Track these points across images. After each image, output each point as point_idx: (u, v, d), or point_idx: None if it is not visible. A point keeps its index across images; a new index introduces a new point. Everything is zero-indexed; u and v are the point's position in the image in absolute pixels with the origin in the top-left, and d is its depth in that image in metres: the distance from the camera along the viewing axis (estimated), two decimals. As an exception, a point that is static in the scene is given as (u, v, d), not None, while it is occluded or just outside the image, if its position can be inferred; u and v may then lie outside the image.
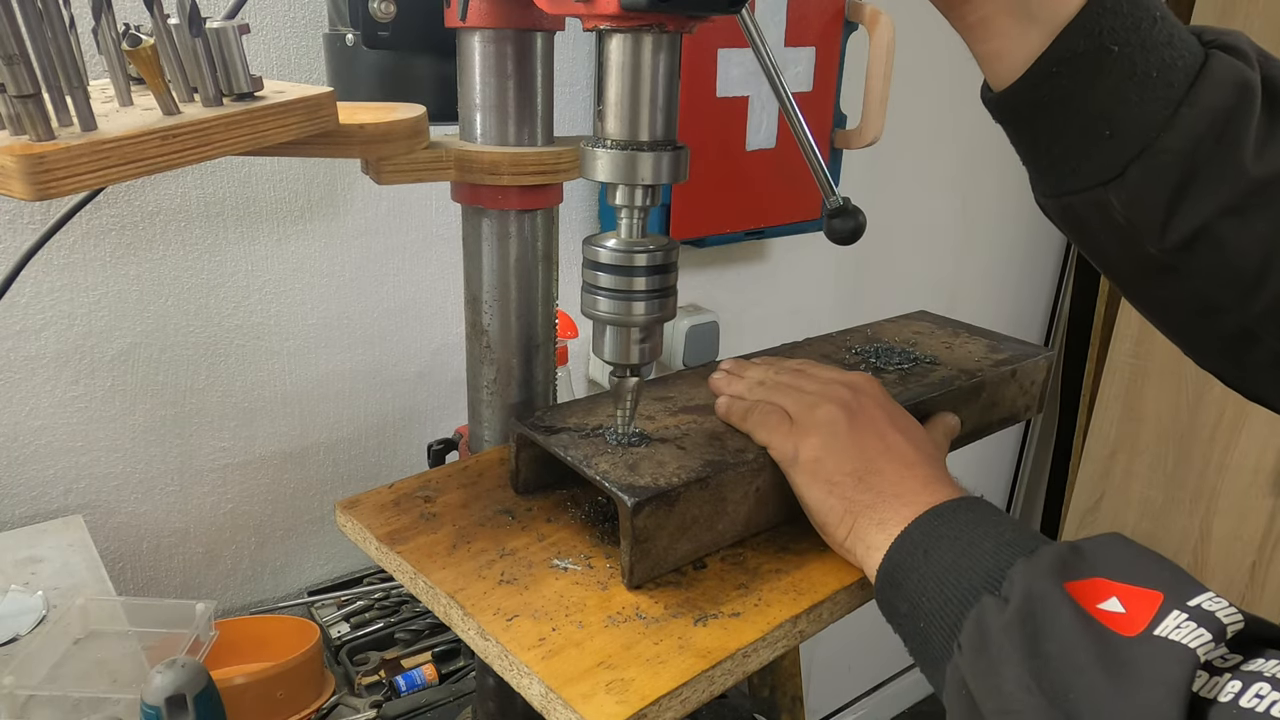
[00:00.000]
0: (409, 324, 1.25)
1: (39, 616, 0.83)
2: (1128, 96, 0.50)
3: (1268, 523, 1.92)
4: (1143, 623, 0.40)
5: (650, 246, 0.57)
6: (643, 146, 0.54)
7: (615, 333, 0.59)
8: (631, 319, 0.58)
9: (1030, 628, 0.43)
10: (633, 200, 0.56)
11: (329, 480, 1.24)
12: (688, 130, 1.34)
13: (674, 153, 0.55)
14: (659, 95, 0.54)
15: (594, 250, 0.57)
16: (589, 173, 0.56)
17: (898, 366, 0.79)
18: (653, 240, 0.58)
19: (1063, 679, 0.40)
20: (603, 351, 0.60)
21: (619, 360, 0.60)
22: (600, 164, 0.55)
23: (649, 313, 0.58)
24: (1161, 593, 0.41)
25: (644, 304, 0.58)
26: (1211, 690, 0.37)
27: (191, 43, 0.49)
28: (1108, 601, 0.42)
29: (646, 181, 0.55)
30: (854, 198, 0.69)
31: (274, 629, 1.03)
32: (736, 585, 0.59)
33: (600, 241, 0.57)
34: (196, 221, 1.05)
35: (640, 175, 0.55)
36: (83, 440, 1.05)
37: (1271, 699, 0.36)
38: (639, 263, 0.57)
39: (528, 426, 0.66)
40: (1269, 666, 0.37)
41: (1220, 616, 0.39)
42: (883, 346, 0.84)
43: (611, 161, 0.55)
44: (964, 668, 0.46)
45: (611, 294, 0.57)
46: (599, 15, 0.51)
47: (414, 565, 0.60)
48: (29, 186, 0.42)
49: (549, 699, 0.50)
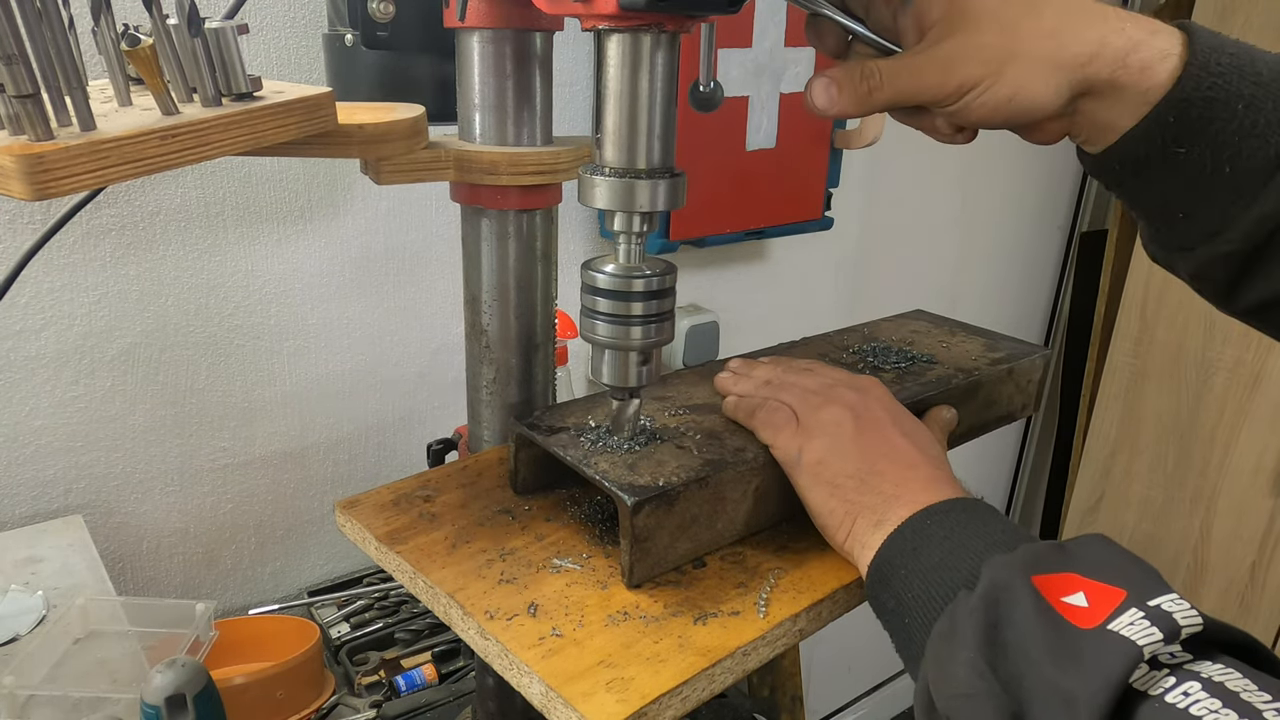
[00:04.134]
0: (409, 324, 1.25)
1: (39, 616, 0.83)
2: (1198, 187, 0.51)
3: (1268, 523, 1.92)
4: (1100, 617, 0.41)
5: (648, 272, 0.57)
6: (640, 175, 0.55)
7: (614, 356, 0.60)
8: (630, 343, 0.58)
9: (992, 616, 0.44)
10: (630, 227, 0.57)
11: (329, 480, 1.24)
12: (688, 130, 1.34)
13: (671, 180, 0.56)
14: (656, 123, 0.54)
15: (592, 275, 0.58)
16: (587, 200, 0.56)
17: (895, 365, 0.79)
18: (650, 265, 0.58)
19: (1017, 667, 0.41)
20: (601, 375, 0.61)
21: (618, 383, 0.61)
22: (599, 192, 0.56)
23: (647, 337, 0.58)
24: (1125, 590, 0.42)
25: (642, 328, 0.58)
26: (1147, 684, 0.38)
27: (190, 43, 0.49)
28: (1073, 596, 0.43)
29: (644, 209, 0.56)
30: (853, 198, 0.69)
31: (274, 629, 1.03)
32: (736, 584, 0.59)
33: (598, 266, 0.58)
34: (196, 221, 1.05)
35: (638, 203, 0.55)
36: (83, 440, 1.05)
37: (1196, 698, 0.37)
38: (637, 288, 0.57)
39: (527, 426, 0.66)
40: (1210, 669, 0.38)
41: (1177, 618, 0.39)
42: (880, 345, 0.84)
43: (610, 189, 0.55)
44: (928, 656, 0.47)
45: (610, 319, 0.58)
46: (597, 15, 0.51)
47: (413, 565, 0.60)
48: (28, 187, 0.42)
49: (549, 698, 0.50)
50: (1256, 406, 1.91)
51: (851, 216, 1.69)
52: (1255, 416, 1.91)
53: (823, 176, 1.52)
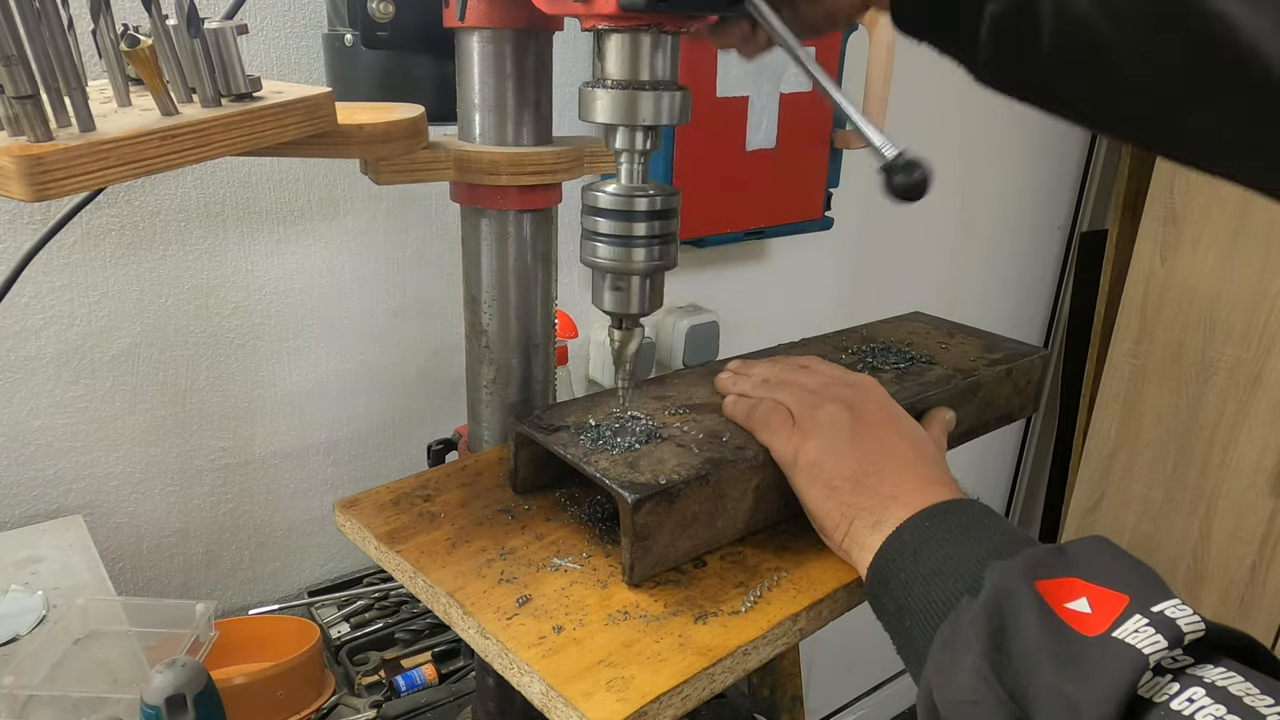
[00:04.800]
0: (409, 324, 1.25)
1: (39, 616, 0.83)
2: None
3: (1268, 523, 1.92)
4: (1105, 624, 0.41)
5: (651, 191, 0.56)
6: (644, 86, 0.53)
7: (616, 281, 0.58)
8: (632, 265, 0.56)
9: (996, 622, 0.44)
10: (633, 144, 0.55)
11: (329, 480, 1.24)
12: (688, 130, 1.34)
13: (676, 92, 0.53)
14: (662, 36, 0.52)
15: (594, 195, 0.56)
16: (587, 115, 0.54)
17: (894, 366, 0.79)
18: (653, 186, 0.56)
19: (1022, 675, 0.41)
20: (602, 302, 0.59)
21: (619, 310, 0.59)
22: (599, 105, 0.53)
23: (649, 259, 0.56)
24: (1128, 596, 0.42)
25: (645, 250, 0.56)
26: (1152, 691, 0.39)
27: (190, 43, 0.49)
28: (1077, 601, 0.43)
29: (647, 122, 0.53)
30: (853, 198, 0.69)
31: (274, 629, 1.03)
32: (736, 583, 0.59)
33: (600, 187, 0.56)
34: (196, 221, 1.05)
35: (641, 115, 0.53)
36: (83, 440, 1.05)
37: (1201, 704, 0.37)
38: (639, 207, 0.55)
39: (527, 425, 0.66)
40: (1213, 673, 0.38)
41: (1180, 624, 0.40)
42: (879, 346, 0.84)
43: (612, 101, 0.53)
44: (930, 662, 0.47)
45: (611, 240, 0.56)
46: (597, 15, 0.51)
47: (413, 564, 0.60)
48: (27, 187, 0.42)
49: (550, 697, 0.50)
50: (1256, 406, 1.91)
51: (851, 216, 1.69)
52: (1255, 416, 1.91)
53: (823, 176, 1.52)
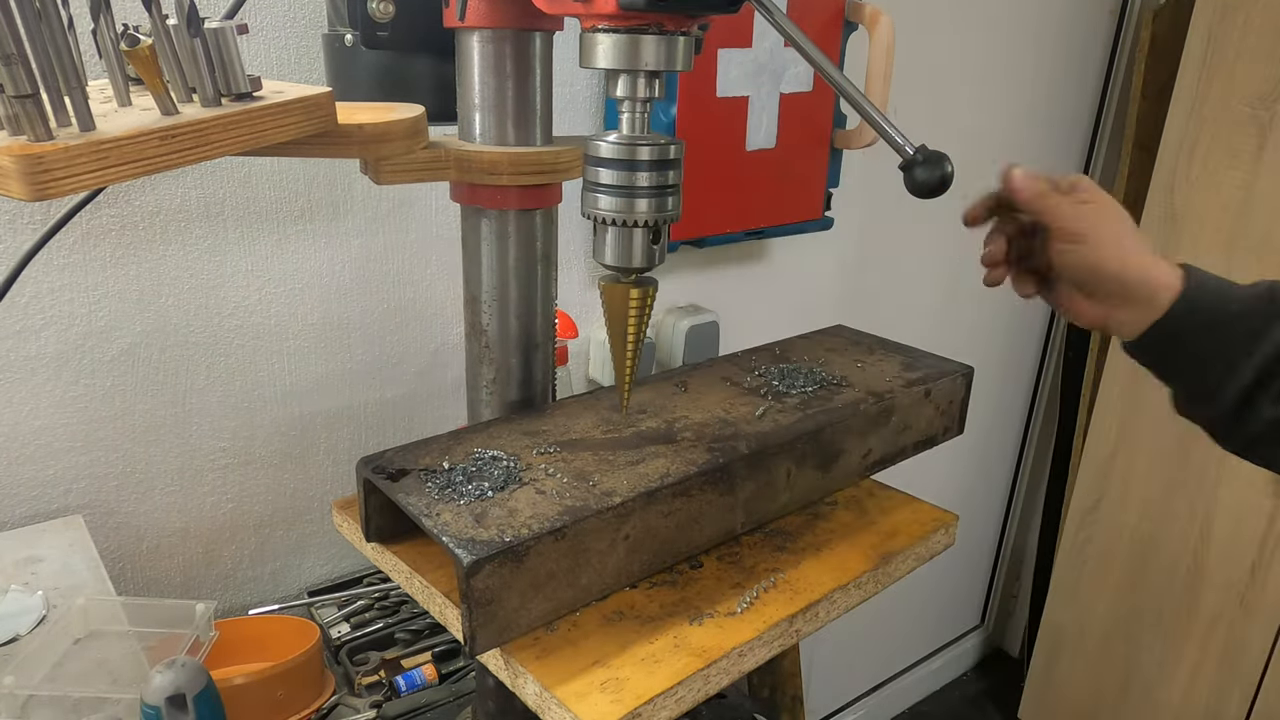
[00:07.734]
0: (409, 324, 1.25)
1: (39, 616, 0.83)
2: None
3: (1268, 523, 1.92)
4: None
5: (653, 141, 0.55)
6: (647, 29, 0.52)
7: (618, 234, 0.57)
8: (635, 215, 0.56)
9: None
10: (635, 91, 0.54)
11: (329, 480, 1.24)
12: (688, 130, 1.34)
13: (680, 36, 0.52)
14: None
15: (595, 145, 0.55)
16: (589, 60, 0.53)
17: (801, 390, 0.75)
18: (655, 135, 0.56)
19: None
20: (604, 255, 0.58)
21: (621, 263, 0.58)
22: (601, 49, 0.52)
23: (652, 210, 0.56)
24: None
25: (648, 200, 0.55)
26: None
27: (190, 43, 0.49)
28: None
29: (650, 67, 0.52)
30: (853, 198, 0.69)
31: (274, 629, 1.03)
32: (733, 584, 0.59)
33: (602, 136, 0.56)
34: (196, 221, 1.05)
35: (644, 60, 0.52)
36: (83, 440, 1.05)
37: None
38: (642, 156, 0.54)
39: (371, 471, 0.59)
40: None
41: None
42: (789, 368, 0.80)
43: (614, 45, 0.52)
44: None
45: (613, 190, 0.55)
46: (597, 15, 0.51)
47: (409, 564, 0.60)
48: (27, 187, 0.42)
49: (543, 698, 0.50)
50: (1257, 407, 1.90)
51: (851, 216, 1.69)
52: (1255, 417, 1.91)
53: (823, 176, 1.52)
